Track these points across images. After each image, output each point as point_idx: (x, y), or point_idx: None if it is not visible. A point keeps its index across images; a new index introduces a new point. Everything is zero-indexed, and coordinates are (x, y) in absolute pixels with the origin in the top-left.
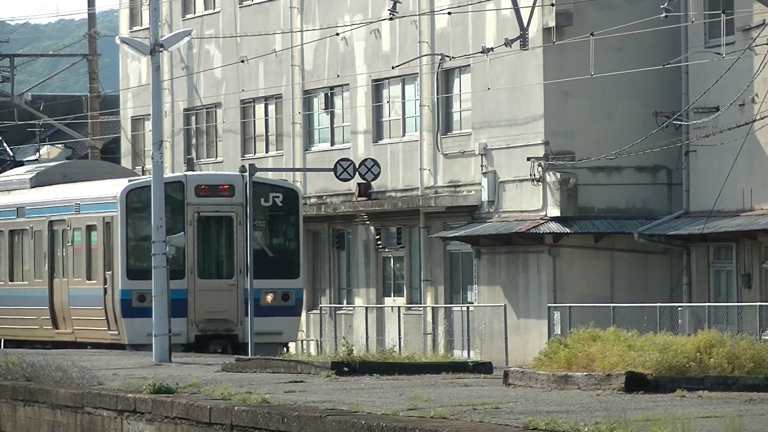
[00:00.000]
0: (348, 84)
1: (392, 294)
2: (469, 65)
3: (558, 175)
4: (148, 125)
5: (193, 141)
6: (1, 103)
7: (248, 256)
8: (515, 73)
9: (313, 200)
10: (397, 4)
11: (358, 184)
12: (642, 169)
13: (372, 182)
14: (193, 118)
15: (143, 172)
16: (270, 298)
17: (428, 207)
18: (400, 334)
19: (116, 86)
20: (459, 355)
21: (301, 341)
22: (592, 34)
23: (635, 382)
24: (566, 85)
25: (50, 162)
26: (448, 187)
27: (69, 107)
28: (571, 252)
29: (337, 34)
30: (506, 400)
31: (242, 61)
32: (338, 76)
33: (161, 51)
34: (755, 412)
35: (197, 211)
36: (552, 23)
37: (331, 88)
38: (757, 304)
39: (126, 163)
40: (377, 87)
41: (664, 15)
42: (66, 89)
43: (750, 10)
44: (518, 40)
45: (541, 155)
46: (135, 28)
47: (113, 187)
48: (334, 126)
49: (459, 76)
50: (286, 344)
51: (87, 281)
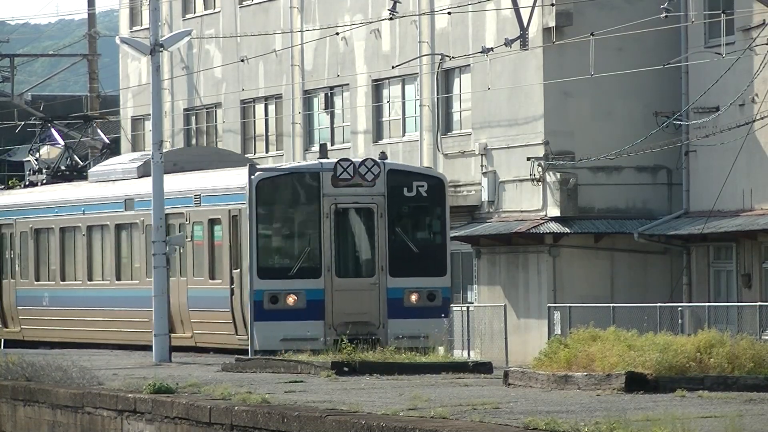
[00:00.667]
0: (348, 84)
1: None
2: (469, 65)
3: (558, 175)
4: (148, 125)
5: (193, 141)
6: (1, 103)
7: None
8: (515, 73)
9: None
10: (397, 4)
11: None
12: (642, 169)
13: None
14: (193, 118)
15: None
16: (414, 298)
17: None
18: None
19: (116, 86)
20: (459, 355)
21: None
22: (592, 34)
23: (635, 382)
24: (566, 85)
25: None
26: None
27: (69, 107)
28: (571, 252)
29: (337, 34)
30: (506, 400)
31: (242, 61)
32: (338, 76)
33: (161, 51)
34: (755, 412)
35: (334, 203)
36: (552, 23)
37: (331, 88)
38: (757, 304)
39: None
40: (377, 87)
41: (664, 15)
42: (66, 89)
43: (750, 10)
44: (518, 40)
45: (541, 155)
46: (135, 28)
47: (240, 177)
48: (334, 126)
49: (459, 76)
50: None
51: (210, 281)
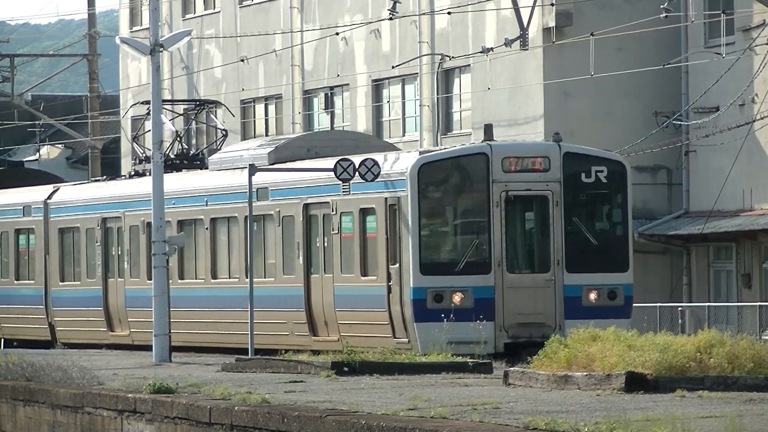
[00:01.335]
0: (348, 84)
1: None
2: (469, 65)
3: None
4: (148, 125)
5: (193, 141)
6: (1, 103)
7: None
8: (515, 73)
9: None
10: (397, 4)
11: None
12: (642, 169)
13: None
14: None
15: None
16: (594, 296)
17: None
18: None
19: (116, 86)
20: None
21: None
22: (592, 34)
23: (635, 382)
24: (566, 85)
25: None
26: None
27: (69, 107)
28: None
29: (337, 34)
30: (506, 400)
31: (242, 61)
32: (338, 76)
33: (161, 51)
34: (755, 412)
35: (505, 190)
36: (552, 23)
37: (331, 88)
38: (757, 304)
39: (126, 163)
40: (377, 87)
41: (664, 15)
42: (66, 89)
43: (750, 10)
44: (518, 40)
45: None
46: (135, 28)
47: (398, 161)
48: (334, 126)
49: (459, 76)
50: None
51: (362, 278)
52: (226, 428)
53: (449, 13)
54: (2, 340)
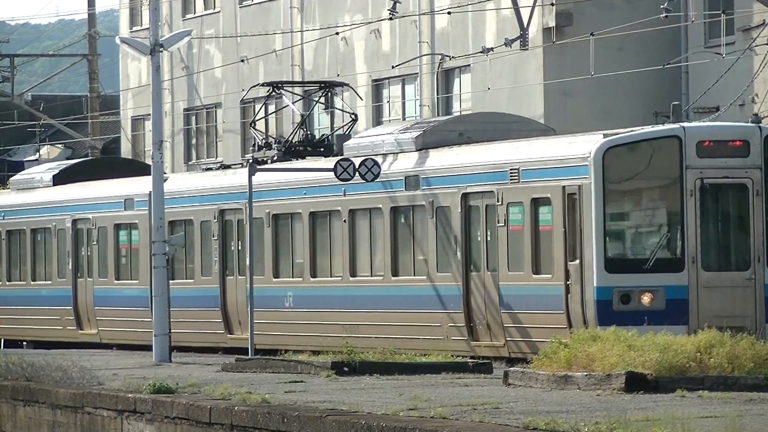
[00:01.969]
0: (348, 84)
1: None
2: (469, 65)
3: None
4: (148, 125)
5: (193, 141)
6: (1, 103)
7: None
8: (515, 73)
9: None
10: (397, 4)
11: None
12: None
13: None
14: (193, 118)
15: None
16: None
17: None
18: None
19: (116, 86)
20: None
21: None
22: (592, 34)
23: (635, 382)
24: (566, 85)
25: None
26: None
27: (69, 107)
28: None
29: (337, 33)
30: (506, 400)
31: (242, 61)
32: (338, 76)
33: (161, 51)
34: (755, 412)
35: (700, 177)
36: (552, 23)
37: None
38: None
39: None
40: (377, 87)
41: (664, 15)
42: (66, 89)
43: (750, 10)
44: (518, 40)
45: None
46: (135, 28)
47: (578, 145)
48: (334, 126)
49: (459, 76)
50: None
51: (534, 276)
52: (226, 428)
53: (449, 13)
54: (1, 340)
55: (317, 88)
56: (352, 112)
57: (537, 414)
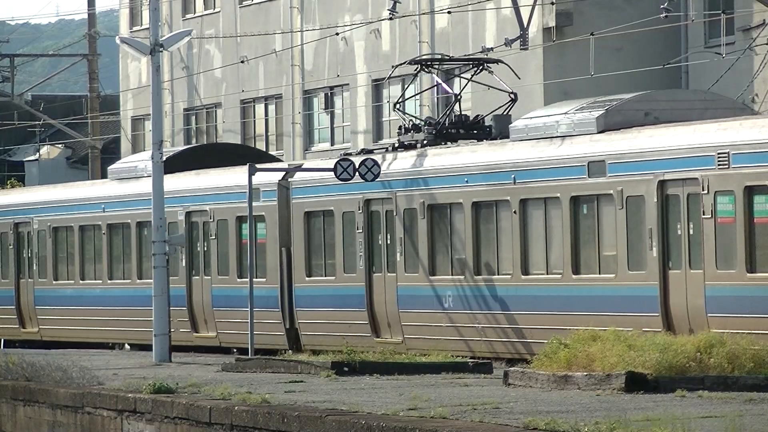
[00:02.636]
0: (348, 84)
1: None
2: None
3: None
4: (148, 125)
5: (193, 141)
6: (1, 103)
7: None
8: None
9: None
10: (397, 4)
11: None
12: None
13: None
14: (193, 118)
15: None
16: None
17: None
18: None
19: (116, 86)
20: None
21: None
22: (592, 34)
23: (635, 382)
24: (566, 85)
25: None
26: None
27: (69, 107)
28: None
29: (337, 34)
30: (506, 400)
31: (242, 61)
32: (338, 76)
33: (161, 51)
34: (755, 412)
35: None
36: (552, 23)
37: (331, 88)
38: None
39: None
40: (377, 87)
41: (664, 15)
42: (66, 89)
43: (750, 10)
44: (518, 40)
45: None
46: (135, 28)
47: None
48: (334, 126)
49: (459, 76)
50: None
51: (748, 274)
52: (226, 428)
53: (449, 12)
54: (1, 340)
55: (471, 65)
56: (512, 91)
57: (537, 414)
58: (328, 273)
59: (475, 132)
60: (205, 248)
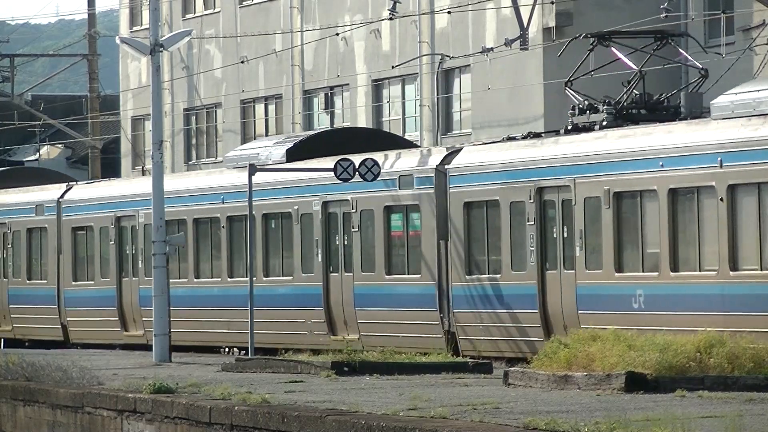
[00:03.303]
0: (348, 84)
1: None
2: (469, 65)
3: None
4: (148, 125)
5: (193, 141)
6: (1, 103)
7: None
8: (515, 73)
9: None
10: (397, 4)
11: None
12: None
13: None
14: (193, 118)
15: (143, 172)
16: None
17: None
18: None
19: (116, 86)
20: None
21: None
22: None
23: (635, 382)
24: None
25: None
26: None
27: (69, 107)
28: None
29: (337, 34)
30: (506, 400)
31: (242, 61)
32: (338, 76)
33: (161, 51)
34: (755, 412)
35: None
36: (552, 23)
37: (331, 88)
38: None
39: (126, 163)
40: (377, 87)
41: (664, 15)
42: (66, 89)
43: (750, 10)
44: (518, 40)
45: None
46: (135, 28)
47: None
48: (334, 126)
49: (459, 76)
50: None
51: None
52: (226, 428)
53: (449, 12)
54: (1, 340)
55: (653, 39)
56: (703, 67)
57: (537, 414)
58: (492, 270)
59: (663, 113)
60: (345, 242)
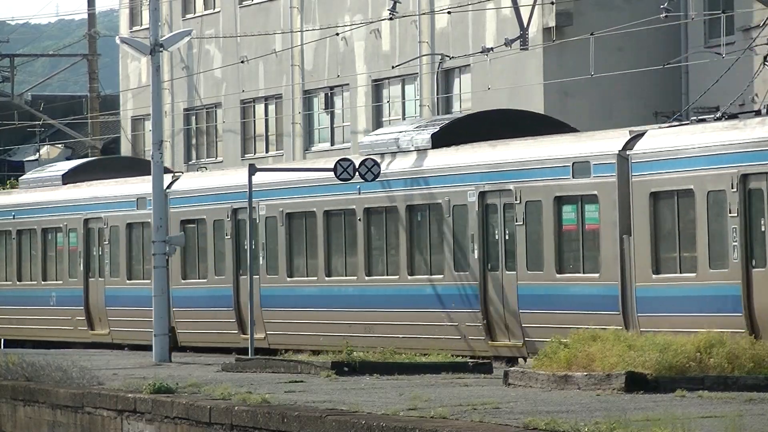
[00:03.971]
0: (348, 84)
1: None
2: (469, 65)
3: None
4: (148, 125)
5: (193, 141)
6: (1, 103)
7: None
8: (515, 73)
9: None
10: (397, 4)
11: None
12: None
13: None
14: (193, 118)
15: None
16: None
17: None
18: None
19: (116, 86)
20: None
21: None
22: (592, 34)
23: (635, 382)
24: (566, 85)
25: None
26: None
27: (69, 107)
28: None
29: (337, 34)
30: (506, 400)
31: (242, 61)
32: (338, 76)
33: (161, 51)
34: (755, 412)
35: None
36: (552, 23)
37: (331, 88)
38: None
39: None
40: (377, 87)
41: (664, 15)
42: (66, 89)
43: (750, 10)
44: (518, 40)
45: None
46: (135, 28)
47: None
48: (334, 126)
49: (459, 76)
50: None
51: None
52: (226, 428)
53: (449, 12)
54: (2, 340)
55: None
56: None
57: (537, 414)
58: (686, 268)
59: None
60: (506, 236)
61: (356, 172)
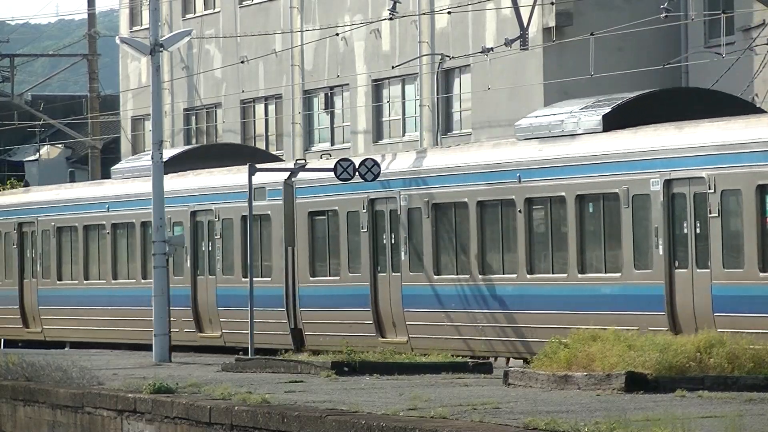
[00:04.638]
0: (348, 84)
1: None
2: (469, 65)
3: None
4: (148, 125)
5: (193, 141)
6: (1, 103)
7: None
8: (515, 73)
9: None
10: (397, 4)
11: None
12: None
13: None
14: (193, 118)
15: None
16: None
17: None
18: None
19: (116, 86)
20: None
21: None
22: (592, 34)
23: (635, 382)
24: (566, 85)
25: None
26: None
27: (69, 107)
28: None
29: (337, 34)
30: (506, 400)
31: (242, 62)
32: (338, 76)
33: (161, 51)
34: (755, 412)
35: None
36: (552, 23)
37: (331, 88)
38: None
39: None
40: (377, 87)
41: (664, 15)
42: (66, 89)
43: (750, 10)
44: (518, 40)
45: None
46: (135, 28)
47: None
48: (334, 126)
49: (459, 76)
50: None
51: None
52: (226, 428)
53: (449, 13)
54: (1, 341)
55: None
56: None
57: (537, 414)
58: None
59: None
60: (697, 230)
61: (356, 172)
